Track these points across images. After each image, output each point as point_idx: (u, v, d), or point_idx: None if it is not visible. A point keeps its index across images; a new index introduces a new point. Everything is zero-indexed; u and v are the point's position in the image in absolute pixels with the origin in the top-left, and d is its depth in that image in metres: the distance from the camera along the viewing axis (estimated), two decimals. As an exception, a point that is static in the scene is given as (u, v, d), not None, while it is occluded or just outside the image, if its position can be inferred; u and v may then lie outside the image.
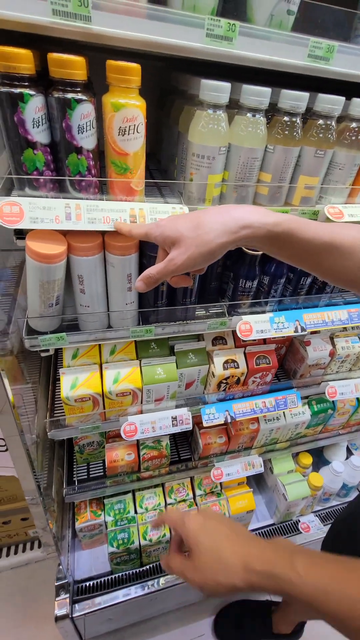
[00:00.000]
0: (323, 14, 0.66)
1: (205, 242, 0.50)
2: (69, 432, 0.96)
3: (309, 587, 0.42)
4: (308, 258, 0.54)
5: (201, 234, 0.50)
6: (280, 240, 0.52)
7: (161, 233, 0.53)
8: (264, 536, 1.41)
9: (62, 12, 0.50)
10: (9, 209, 0.59)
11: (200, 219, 0.51)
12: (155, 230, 0.55)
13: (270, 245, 0.54)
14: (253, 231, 0.51)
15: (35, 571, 1.60)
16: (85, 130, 0.58)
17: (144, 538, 1.17)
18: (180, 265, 0.51)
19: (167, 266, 0.52)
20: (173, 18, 0.55)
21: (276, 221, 0.51)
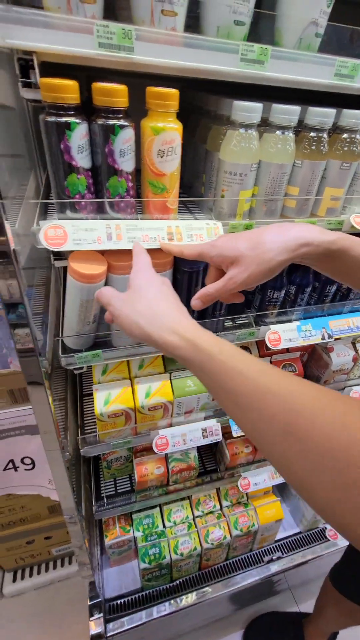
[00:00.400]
0: (346, 34, 0.68)
1: (266, 260, 0.51)
2: (100, 449, 0.96)
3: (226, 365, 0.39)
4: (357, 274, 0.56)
5: (261, 252, 0.52)
6: (335, 258, 0.54)
7: (219, 253, 0.55)
8: (292, 546, 1.40)
9: (107, 44, 0.52)
10: (54, 232, 0.60)
11: (259, 238, 0.53)
12: (211, 251, 0.56)
13: (323, 262, 0.55)
14: (312, 249, 0.52)
15: (58, 591, 1.57)
16: (126, 154, 0.60)
17: (175, 552, 1.16)
18: (241, 283, 0.52)
19: (226, 285, 0.53)
20: (209, 45, 0.57)
21: (333, 239, 0.53)
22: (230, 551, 1.30)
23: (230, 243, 0.54)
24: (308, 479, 0.31)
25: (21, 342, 0.64)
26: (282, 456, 0.33)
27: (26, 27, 0.48)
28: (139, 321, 0.47)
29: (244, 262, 0.52)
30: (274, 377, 0.37)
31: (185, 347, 0.43)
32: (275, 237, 0.53)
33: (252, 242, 0.53)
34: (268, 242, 0.52)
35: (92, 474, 1.23)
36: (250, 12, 0.59)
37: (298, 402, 0.33)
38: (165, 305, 0.49)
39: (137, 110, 0.61)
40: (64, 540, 1.53)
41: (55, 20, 0.49)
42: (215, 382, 0.40)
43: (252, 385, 0.37)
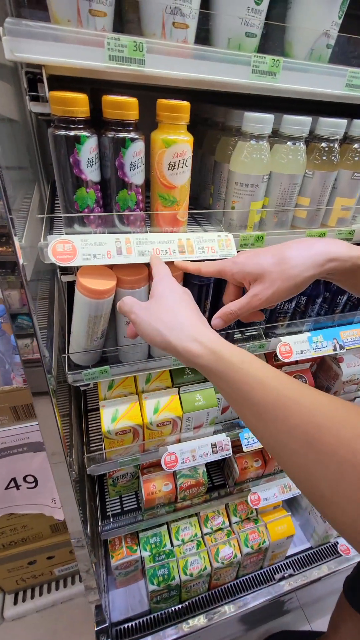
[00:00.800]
0: (356, 44, 0.68)
1: (292, 276, 0.50)
2: (107, 467, 0.93)
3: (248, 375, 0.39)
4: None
5: (286, 268, 0.50)
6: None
7: (240, 270, 0.53)
8: (304, 563, 1.36)
9: (118, 57, 0.51)
10: (62, 247, 0.58)
11: (284, 254, 0.51)
12: (232, 267, 0.54)
13: (350, 277, 0.54)
14: (339, 264, 0.51)
15: (62, 613, 1.51)
16: (137, 167, 0.59)
17: (185, 573, 1.12)
18: (266, 300, 0.51)
19: (250, 302, 0.51)
20: (221, 57, 0.56)
21: None
22: (240, 569, 1.26)
23: (253, 259, 0.53)
24: (329, 494, 0.30)
25: (28, 352, 0.61)
26: (303, 469, 0.33)
27: (36, 40, 0.47)
28: (160, 328, 0.47)
29: (268, 278, 0.50)
30: (295, 389, 0.36)
31: (207, 356, 0.43)
32: (300, 252, 0.51)
33: (277, 257, 0.51)
34: (294, 258, 0.50)
35: (97, 492, 1.19)
36: (261, 24, 0.58)
37: (320, 414, 0.33)
38: (187, 313, 0.49)
39: (144, 123, 0.60)
40: (67, 560, 1.48)
41: (66, 34, 0.48)
42: (236, 392, 0.40)
43: (273, 396, 0.37)
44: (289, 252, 0.51)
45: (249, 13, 0.56)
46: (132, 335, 0.56)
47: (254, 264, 0.52)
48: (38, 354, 0.62)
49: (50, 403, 0.67)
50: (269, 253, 0.53)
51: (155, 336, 0.47)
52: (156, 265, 0.58)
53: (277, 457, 0.36)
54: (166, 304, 0.50)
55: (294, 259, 0.50)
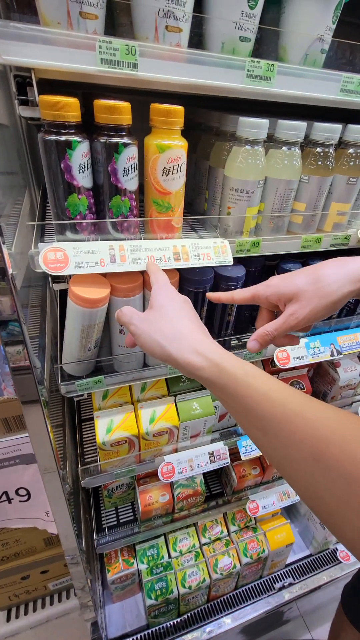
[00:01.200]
0: (348, 49, 0.68)
1: (328, 293, 0.49)
2: (102, 479, 0.90)
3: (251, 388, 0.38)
4: None
5: (322, 286, 0.50)
6: None
7: (275, 292, 0.52)
8: (304, 571, 1.34)
9: (110, 60, 0.50)
10: (53, 256, 0.56)
11: (318, 272, 0.51)
12: (265, 291, 0.54)
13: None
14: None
15: (57, 629, 1.47)
16: (130, 172, 0.57)
17: (183, 585, 1.09)
18: (303, 319, 0.50)
19: (287, 321, 0.50)
20: (215, 61, 0.55)
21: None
22: (239, 580, 1.23)
23: (286, 280, 0.53)
24: (337, 509, 0.30)
25: (16, 360, 0.59)
26: (309, 484, 0.32)
27: (25, 43, 0.46)
28: (161, 340, 0.46)
29: (304, 297, 0.50)
30: (301, 402, 0.36)
31: (209, 368, 0.42)
32: (335, 270, 0.51)
33: (311, 277, 0.51)
34: (329, 275, 0.50)
35: (92, 504, 1.16)
36: (255, 28, 0.58)
37: (327, 429, 0.32)
38: (188, 324, 0.47)
39: (137, 128, 0.59)
40: (61, 574, 1.44)
41: (56, 36, 0.47)
42: (240, 405, 0.39)
43: (278, 410, 0.36)
44: (323, 271, 0.51)
45: (242, 17, 0.55)
46: (131, 345, 0.55)
47: (289, 284, 0.52)
48: (27, 361, 0.60)
49: (41, 412, 0.65)
50: (302, 273, 0.53)
51: (155, 348, 0.46)
52: (154, 273, 0.57)
53: (283, 471, 0.35)
54: (166, 314, 0.49)
55: (329, 276, 0.50)
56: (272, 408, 0.36)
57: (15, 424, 1.03)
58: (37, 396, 0.63)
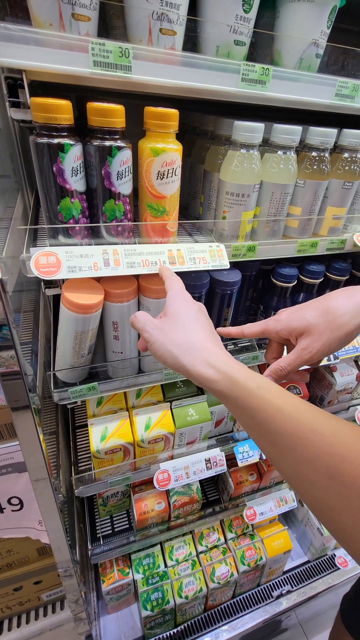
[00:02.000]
0: (343, 54, 0.68)
1: (340, 325, 0.49)
2: (97, 488, 0.88)
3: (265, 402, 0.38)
4: None
5: (333, 319, 0.49)
6: None
7: (285, 326, 0.52)
8: (302, 577, 1.32)
9: (103, 63, 0.49)
10: (45, 260, 0.55)
11: (328, 304, 0.51)
12: (275, 325, 0.53)
13: None
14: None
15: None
16: (124, 176, 0.56)
17: (180, 595, 1.07)
18: (317, 352, 0.49)
19: (300, 355, 0.49)
20: (210, 65, 0.54)
21: None
22: (237, 588, 1.21)
23: (296, 314, 0.52)
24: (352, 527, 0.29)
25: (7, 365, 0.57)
26: (324, 501, 0.32)
27: (16, 44, 0.45)
28: (174, 351, 0.45)
29: (315, 330, 0.49)
30: (316, 417, 0.35)
31: (221, 381, 0.41)
32: (344, 301, 0.51)
33: (320, 309, 0.51)
34: (339, 307, 0.50)
35: (86, 512, 1.13)
36: (250, 32, 0.57)
37: (342, 445, 0.32)
38: (202, 335, 0.47)
39: (130, 131, 0.58)
40: (55, 584, 1.40)
41: (48, 38, 0.46)
42: (252, 418, 0.38)
43: (292, 424, 0.35)
44: (333, 303, 0.51)
45: (237, 21, 0.55)
46: (144, 349, 0.54)
47: (299, 318, 0.51)
48: (17, 366, 0.58)
49: (32, 419, 0.63)
50: (310, 306, 0.52)
51: (167, 358, 0.45)
52: (169, 278, 0.56)
53: (296, 487, 0.35)
54: (181, 324, 0.48)
55: (339, 308, 0.50)
56: (285, 422, 0.36)
57: (7, 431, 1.01)
58: (28, 403, 0.61)
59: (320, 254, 0.79)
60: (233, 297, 0.76)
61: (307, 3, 0.57)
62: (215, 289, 0.74)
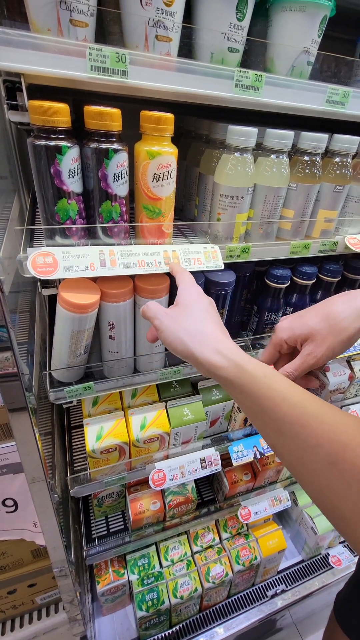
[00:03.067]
0: (333, 62, 0.70)
1: (342, 329, 0.50)
2: (92, 488, 0.88)
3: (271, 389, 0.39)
4: None
5: (334, 323, 0.51)
6: None
7: (290, 335, 0.53)
8: (296, 577, 1.33)
9: (100, 67, 0.50)
10: (42, 260, 0.56)
11: (328, 310, 0.52)
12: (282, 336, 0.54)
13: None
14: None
15: (45, 645, 1.42)
16: (120, 178, 0.57)
17: (175, 595, 1.07)
18: (322, 357, 0.50)
19: (306, 360, 0.51)
20: (205, 71, 0.56)
21: None
22: (232, 588, 1.22)
23: (298, 321, 0.54)
24: (351, 514, 0.30)
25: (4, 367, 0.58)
26: (325, 489, 0.32)
27: (14, 48, 0.46)
28: (184, 338, 0.47)
29: (319, 335, 0.51)
30: (319, 406, 0.36)
31: (229, 368, 0.43)
32: (344, 306, 0.52)
33: (321, 315, 0.52)
34: (340, 312, 0.52)
35: (81, 513, 1.13)
36: (244, 40, 0.59)
37: (344, 433, 0.33)
38: (211, 325, 0.49)
39: (126, 135, 0.59)
40: (49, 587, 1.40)
41: (46, 43, 0.47)
42: (257, 406, 0.40)
43: (297, 413, 0.36)
44: (334, 308, 0.52)
45: (231, 29, 0.56)
46: (153, 339, 0.56)
47: (302, 325, 0.53)
48: (14, 367, 0.59)
49: (29, 420, 0.64)
50: (311, 312, 0.54)
51: (177, 345, 0.47)
52: (180, 273, 0.59)
53: (297, 475, 0.36)
54: (191, 314, 0.50)
55: (340, 313, 0.51)
56: (290, 410, 0.37)
57: (2, 432, 1.00)
58: (25, 404, 0.62)
59: (313, 255, 0.81)
60: (227, 298, 0.77)
61: (299, 13, 0.58)
62: (209, 289, 0.75)
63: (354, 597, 0.94)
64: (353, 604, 0.94)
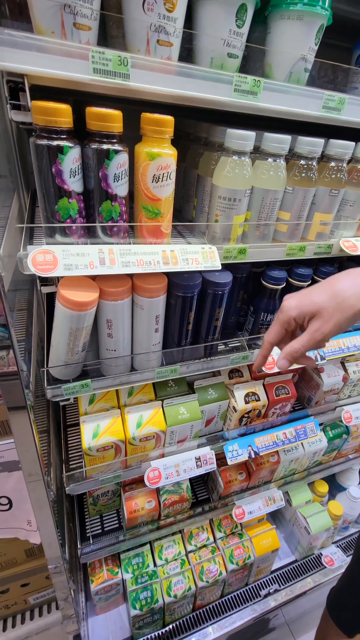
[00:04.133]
0: (330, 69, 0.72)
1: (350, 306, 0.52)
2: (87, 485, 0.89)
3: None
4: None
5: (342, 300, 0.52)
6: None
7: (299, 313, 0.55)
8: (289, 577, 1.34)
9: (102, 70, 0.51)
10: (42, 257, 0.57)
11: (335, 287, 0.54)
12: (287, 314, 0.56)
13: None
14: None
15: (37, 645, 1.41)
16: (121, 178, 0.58)
17: (169, 594, 1.07)
18: (329, 332, 0.52)
19: (313, 336, 0.53)
20: (204, 75, 0.57)
21: None
22: (225, 587, 1.22)
23: (306, 299, 0.55)
24: None
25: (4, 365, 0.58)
26: None
27: (19, 50, 0.47)
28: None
29: (326, 313, 0.52)
30: None
31: None
32: (351, 283, 0.54)
33: (329, 293, 0.54)
34: (347, 289, 0.53)
35: (76, 512, 1.13)
36: (243, 46, 0.60)
37: None
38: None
39: (126, 136, 0.60)
40: (42, 587, 1.39)
41: (49, 45, 0.48)
42: None
43: None
44: (340, 285, 0.54)
45: (231, 35, 0.58)
46: None
47: (309, 303, 0.54)
48: (15, 366, 0.59)
49: (28, 419, 0.64)
50: (318, 290, 0.55)
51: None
52: None
53: None
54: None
55: (347, 290, 0.53)
56: None
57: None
58: (24, 402, 0.62)
59: (308, 257, 0.82)
60: (224, 298, 0.78)
61: (296, 21, 0.60)
62: (207, 289, 0.76)
63: (346, 591, 0.95)
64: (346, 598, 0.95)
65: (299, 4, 0.58)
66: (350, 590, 0.96)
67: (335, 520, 1.32)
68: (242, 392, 1.00)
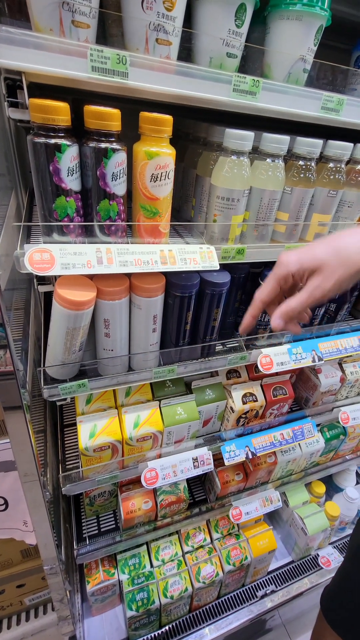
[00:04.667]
0: (329, 70, 0.72)
1: (354, 262, 0.50)
2: (84, 486, 0.88)
3: None
4: None
5: (346, 256, 0.50)
6: None
7: (298, 268, 0.52)
8: (286, 577, 1.34)
9: (101, 68, 0.51)
10: (39, 256, 0.56)
11: (337, 243, 0.51)
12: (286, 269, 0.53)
13: None
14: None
15: (33, 647, 1.40)
16: (119, 177, 0.58)
17: (165, 595, 1.07)
18: (329, 289, 0.50)
19: (312, 293, 0.50)
20: (203, 74, 0.57)
21: None
22: (222, 588, 1.22)
23: (306, 254, 0.52)
24: None
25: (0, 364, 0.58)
26: None
27: (16, 47, 0.46)
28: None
29: (328, 269, 0.50)
30: None
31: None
32: (356, 239, 0.51)
33: (332, 248, 0.51)
34: (349, 246, 0.50)
35: (72, 512, 1.13)
36: (242, 46, 0.60)
37: None
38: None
39: (125, 135, 0.60)
40: (38, 587, 1.38)
41: (48, 42, 0.48)
42: None
43: None
44: (342, 242, 0.51)
45: (230, 35, 0.58)
46: None
47: (311, 258, 0.51)
48: (11, 366, 0.59)
49: (24, 419, 0.64)
50: (321, 246, 0.52)
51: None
52: None
53: None
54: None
55: (349, 247, 0.50)
56: None
57: (-6, 429, 1.00)
58: (20, 401, 0.62)
59: (306, 258, 0.82)
60: (222, 298, 0.78)
61: (296, 21, 0.60)
62: (205, 289, 0.76)
63: (339, 591, 0.95)
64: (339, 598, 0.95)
65: (298, 5, 0.59)
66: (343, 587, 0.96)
67: (332, 521, 1.32)
68: (240, 393, 1.00)
